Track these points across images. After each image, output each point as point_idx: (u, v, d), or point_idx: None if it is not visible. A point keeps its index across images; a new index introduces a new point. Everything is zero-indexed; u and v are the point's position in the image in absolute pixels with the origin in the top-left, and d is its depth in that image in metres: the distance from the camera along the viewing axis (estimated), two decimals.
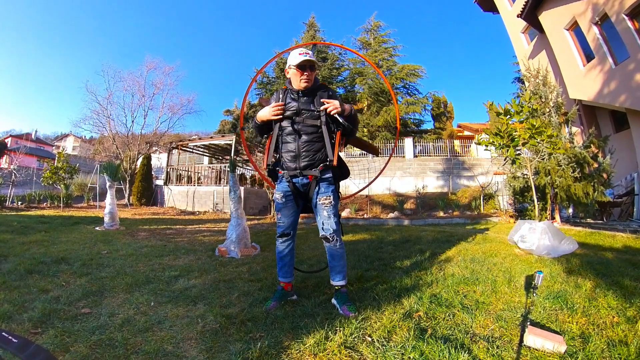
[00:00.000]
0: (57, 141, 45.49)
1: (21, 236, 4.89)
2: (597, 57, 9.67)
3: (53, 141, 46.57)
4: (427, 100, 20.05)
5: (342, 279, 2.12)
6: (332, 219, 2.07)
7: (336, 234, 2.09)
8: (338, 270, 2.13)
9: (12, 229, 5.54)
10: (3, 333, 1.66)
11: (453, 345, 1.48)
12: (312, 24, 24.05)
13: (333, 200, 2.07)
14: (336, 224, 2.09)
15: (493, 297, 2.16)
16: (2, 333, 1.66)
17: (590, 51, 9.97)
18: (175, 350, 1.53)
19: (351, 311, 1.92)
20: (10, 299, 2.13)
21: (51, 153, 31.84)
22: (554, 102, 7.26)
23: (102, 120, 16.96)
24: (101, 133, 18.29)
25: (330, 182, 2.09)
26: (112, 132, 17.11)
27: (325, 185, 2.08)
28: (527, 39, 13.83)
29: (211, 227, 7.47)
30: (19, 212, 9.67)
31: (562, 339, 1.48)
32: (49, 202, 12.63)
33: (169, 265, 3.36)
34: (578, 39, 10.53)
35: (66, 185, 12.38)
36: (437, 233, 5.90)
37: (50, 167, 12.26)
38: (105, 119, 16.92)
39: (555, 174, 6.70)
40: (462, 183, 15.53)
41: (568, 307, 1.93)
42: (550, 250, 3.41)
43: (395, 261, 3.39)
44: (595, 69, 9.73)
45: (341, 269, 2.13)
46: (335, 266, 2.14)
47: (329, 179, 2.10)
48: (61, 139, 45.59)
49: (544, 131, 4.39)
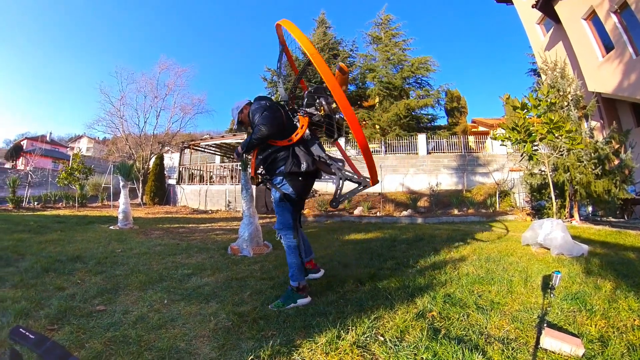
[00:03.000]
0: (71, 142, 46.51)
1: (38, 235, 5.02)
2: (616, 48, 9.30)
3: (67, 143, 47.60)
4: (439, 94, 19.58)
5: (290, 277, 2.25)
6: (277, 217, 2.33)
7: (278, 231, 2.33)
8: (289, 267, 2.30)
9: (29, 229, 5.70)
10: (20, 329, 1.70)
11: (467, 346, 1.45)
12: (322, 20, 23.90)
13: (273, 200, 2.32)
14: (277, 222, 2.33)
15: (509, 298, 2.12)
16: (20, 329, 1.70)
17: (609, 41, 9.59)
18: (188, 348, 1.55)
19: (274, 306, 2.07)
20: (27, 296, 2.19)
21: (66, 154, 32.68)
22: (573, 96, 7.02)
23: (115, 121, 17.38)
24: (114, 134, 18.74)
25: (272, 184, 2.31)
26: (125, 133, 17.47)
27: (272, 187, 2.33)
28: (542, 30, 13.40)
29: (223, 226, 7.56)
30: (36, 212, 9.96)
31: (580, 342, 1.44)
32: (64, 202, 12.95)
33: (182, 263, 3.41)
34: (596, 29, 10.14)
35: (81, 186, 12.71)
36: (452, 231, 5.81)
37: (66, 168, 12.58)
38: (119, 120, 17.31)
39: (575, 170, 6.48)
40: (477, 180, 15.17)
41: (587, 309, 1.87)
42: (567, 250, 3.31)
43: (408, 260, 3.35)
44: (615, 60, 9.35)
45: (289, 267, 2.28)
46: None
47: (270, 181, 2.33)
48: (75, 141, 46.60)
49: (563, 126, 4.26)
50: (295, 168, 2.18)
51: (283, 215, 2.28)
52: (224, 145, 16.25)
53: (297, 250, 2.26)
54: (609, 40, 9.56)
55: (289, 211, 2.28)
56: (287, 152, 2.21)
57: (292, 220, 2.29)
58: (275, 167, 2.26)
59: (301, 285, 2.20)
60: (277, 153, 2.23)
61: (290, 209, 2.28)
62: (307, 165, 2.19)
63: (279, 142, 2.21)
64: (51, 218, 8.06)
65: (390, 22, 21.14)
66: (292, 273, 2.22)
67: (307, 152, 2.24)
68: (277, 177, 2.27)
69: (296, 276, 2.21)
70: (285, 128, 2.22)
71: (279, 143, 2.21)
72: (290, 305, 2.09)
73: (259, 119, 2.13)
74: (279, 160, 2.23)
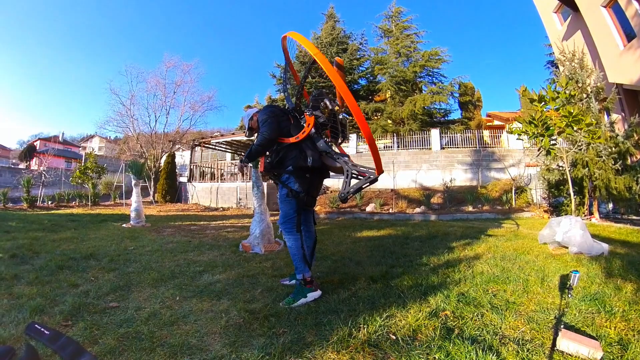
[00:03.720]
0: (83, 142, 47.46)
1: (52, 234, 5.16)
2: (638, 36, 8.89)
3: (79, 142, 48.62)
4: (452, 87, 19.14)
5: (296, 272, 2.31)
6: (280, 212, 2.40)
7: (281, 226, 2.38)
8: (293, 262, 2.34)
9: (44, 227, 5.85)
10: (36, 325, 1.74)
11: (481, 346, 1.43)
12: (331, 14, 23.73)
13: (279, 196, 2.38)
14: (280, 217, 2.39)
15: (524, 297, 2.08)
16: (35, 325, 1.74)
17: (630, 29, 9.16)
18: (200, 344, 1.56)
19: (285, 303, 2.08)
20: (42, 293, 2.25)
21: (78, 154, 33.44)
22: (592, 87, 6.76)
23: (126, 120, 17.62)
24: (125, 133, 18.97)
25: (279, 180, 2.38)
26: (136, 132, 17.72)
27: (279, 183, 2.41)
28: (560, 19, 12.92)
29: (235, 223, 7.64)
30: (50, 211, 10.23)
31: (598, 345, 1.39)
32: (77, 201, 13.26)
33: (193, 260, 3.45)
34: (617, 17, 9.70)
35: (94, 185, 12.96)
36: (466, 229, 5.73)
37: (80, 167, 12.86)
38: (129, 120, 17.55)
39: (595, 166, 6.25)
40: (492, 176, 14.83)
41: (606, 311, 1.81)
42: (586, 248, 3.20)
43: (421, 257, 3.32)
44: (638, 49, 8.94)
45: (293, 262, 2.32)
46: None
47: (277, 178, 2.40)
48: (87, 140, 47.48)
49: (582, 119, 4.10)
50: (302, 162, 2.25)
51: (286, 210, 2.35)
52: (234, 143, 16.36)
53: (298, 243, 2.30)
54: (630, 28, 9.14)
55: (292, 207, 2.33)
56: (295, 149, 2.30)
57: (295, 215, 2.33)
58: (283, 165, 2.32)
59: (308, 278, 2.23)
60: (285, 150, 2.31)
61: (294, 205, 2.32)
62: (312, 160, 2.24)
63: (286, 140, 2.31)
64: (65, 217, 8.27)
65: (401, 14, 20.81)
66: (295, 265, 2.30)
67: (314, 147, 2.31)
68: (284, 174, 2.34)
69: (300, 268, 2.26)
70: (289, 131, 2.34)
71: (286, 140, 2.31)
72: (301, 301, 2.09)
73: (262, 127, 2.30)
74: (287, 157, 2.30)
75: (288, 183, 2.31)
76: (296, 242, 2.30)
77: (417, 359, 1.39)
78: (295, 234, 2.31)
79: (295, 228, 2.31)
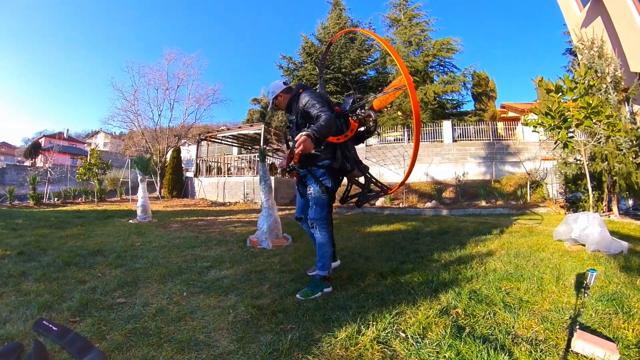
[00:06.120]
0: (88, 138, 48.03)
1: (59, 230, 5.20)
2: None
3: (84, 139, 49.19)
4: (465, 77, 18.61)
5: (319, 267, 2.29)
6: (312, 208, 2.32)
7: (315, 222, 2.31)
8: (318, 257, 2.32)
9: (50, 224, 5.90)
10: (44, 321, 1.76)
11: (492, 346, 1.40)
12: (337, 2, 23.35)
13: (314, 192, 2.29)
14: (314, 212, 2.30)
15: (538, 296, 2.02)
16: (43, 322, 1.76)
17: None
18: (207, 340, 1.57)
19: (302, 295, 2.10)
20: (50, 290, 2.28)
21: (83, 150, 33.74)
22: (612, 77, 6.48)
23: (130, 116, 17.52)
24: (130, 128, 18.95)
25: (314, 175, 2.30)
26: (141, 127, 17.67)
27: (309, 178, 2.35)
28: (578, 4, 12.38)
29: (242, 218, 7.64)
30: (56, 208, 10.31)
31: (614, 347, 1.34)
32: (83, 198, 13.33)
33: (200, 256, 3.46)
34: None
35: (99, 181, 13.05)
36: (478, 224, 5.62)
37: (85, 163, 13.00)
38: (133, 115, 17.45)
39: (614, 160, 6.01)
40: (506, 170, 14.48)
41: (624, 312, 1.74)
42: (605, 246, 3.09)
43: (432, 253, 3.27)
44: None
45: (319, 257, 2.30)
46: (317, 253, 2.34)
47: (312, 173, 2.31)
48: (92, 136, 48.06)
49: (602, 111, 3.93)
50: (342, 164, 2.31)
51: (322, 207, 2.32)
52: (241, 136, 16.31)
53: (330, 241, 2.35)
54: None
55: (326, 203, 2.33)
56: (335, 149, 2.31)
57: (329, 211, 2.35)
58: (317, 160, 2.29)
59: (329, 277, 2.31)
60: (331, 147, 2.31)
61: (327, 201, 2.33)
62: (350, 166, 2.33)
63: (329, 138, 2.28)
64: (71, 213, 8.34)
65: (410, 2, 20.36)
66: (323, 263, 2.29)
67: (350, 152, 2.37)
68: (318, 170, 2.31)
69: (327, 266, 2.29)
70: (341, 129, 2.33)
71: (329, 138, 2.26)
72: (318, 294, 2.15)
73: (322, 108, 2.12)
74: (325, 154, 2.28)
75: (323, 180, 2.30)
76: (329, 239, 2.33)
77: (426, 357, 1.37)
78: (328, 231, 2.33)
79: (328, 224, 2.34)
